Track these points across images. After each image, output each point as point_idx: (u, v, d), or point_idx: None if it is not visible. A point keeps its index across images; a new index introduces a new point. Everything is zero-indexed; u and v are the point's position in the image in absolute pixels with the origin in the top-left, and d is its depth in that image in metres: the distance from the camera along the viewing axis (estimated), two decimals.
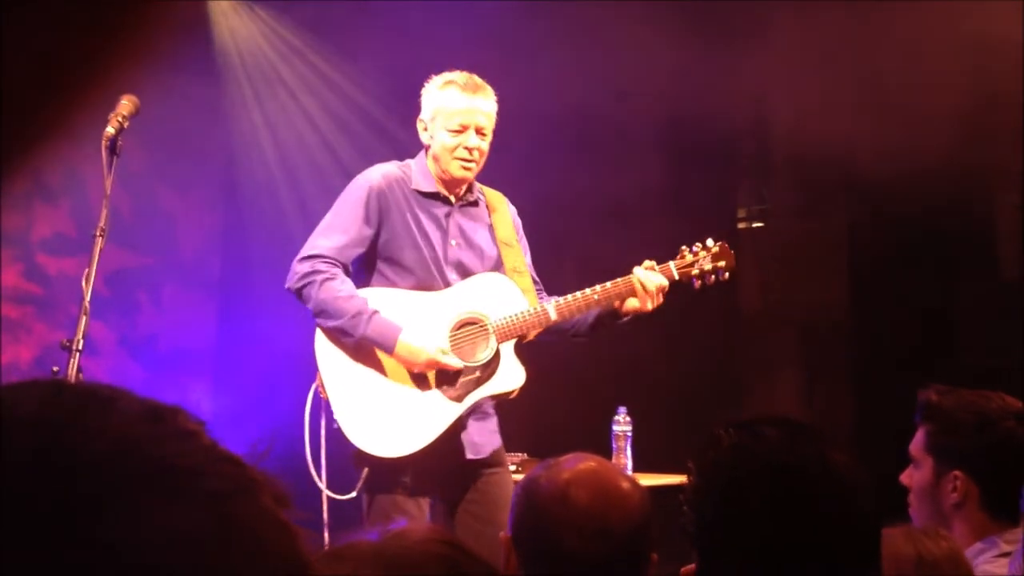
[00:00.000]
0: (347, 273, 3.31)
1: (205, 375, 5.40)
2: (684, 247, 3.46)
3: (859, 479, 1.45)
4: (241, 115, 5.50)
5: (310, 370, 3.43)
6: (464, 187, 3.42)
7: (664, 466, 4.08)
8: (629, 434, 4.08)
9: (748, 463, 1.47)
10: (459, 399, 3.28)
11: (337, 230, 3.31)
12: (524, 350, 3.41)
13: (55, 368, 2.55)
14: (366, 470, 3.24)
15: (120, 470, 0.56)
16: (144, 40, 4.96)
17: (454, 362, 3.25)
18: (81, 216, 4.98)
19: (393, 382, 3.28)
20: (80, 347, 2.54)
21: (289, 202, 5.45)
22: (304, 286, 3.26)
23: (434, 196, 3.39)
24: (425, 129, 3.39)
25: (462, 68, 3.47)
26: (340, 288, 3.25)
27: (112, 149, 2.79)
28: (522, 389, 3.37)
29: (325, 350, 3.30)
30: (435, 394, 3.27)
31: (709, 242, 3.46)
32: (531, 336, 3.36)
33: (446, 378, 3.29)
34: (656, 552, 1.82)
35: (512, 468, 3.97)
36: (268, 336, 5.17)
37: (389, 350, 3.23)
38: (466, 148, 3.32)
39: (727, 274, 3.47)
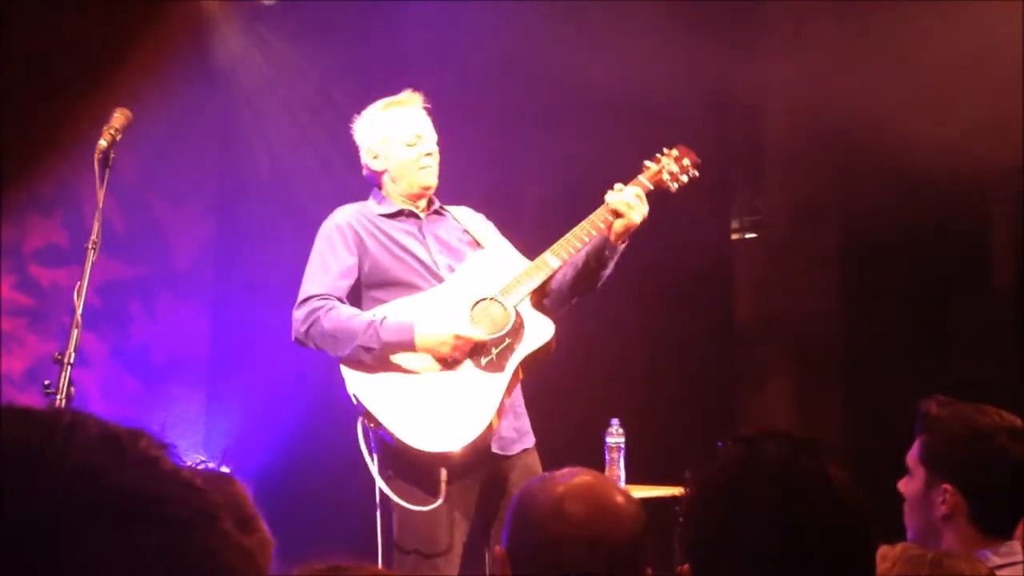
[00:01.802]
0: (342, 303, 3.33)
1: (199, 386, 5.38)
2: (645, 161, 3.52)
3: (857, 496, 1.46)
4: (234, 125, 5.50)
5: (304, 380, 3.43)
6: (425, 201, 3.49)
7: (657, 478, 4.09)
8: (622, 446, 4.08)
9: (747, 477, 1.48)
10: (501, 368, 3.28)
11: (321, 271, 3.36)
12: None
13: (47, 382, 2.55)
14: (444, 471, 3.19)
15: (79, 498, 0.56)
16: (138, 51, 4.96)
17: (477, 334, 3.26)
18: (74, 227, 4.98)
19: (435, 379, 3.27)
20: (72, 360, 2.54)
21: (282, 212, 5.44)
22: (309, 327, 3.28)
23: (400, 214, 3.45)
24: (376, 157, 3.47)
25: (455, 78, 3.51)
26: (343, 312, 3.28)
27: (104, 162, 2.79)
28: (553, 347, 3.35)
29: (358, 380, 3.28)
30: (477, 373, 3.27)
31: (665, 149, 3.54)
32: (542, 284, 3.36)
33: (480, 355, 3.29)
34: (650, 565, 1.82)
35: None
36: (262, 346, 5.17)
37: (411, 346, 3.23)
38: (427, 154, 3.42)
39: (695, 170, 3.54)
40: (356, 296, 3.39)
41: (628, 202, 3.33)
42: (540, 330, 3.33)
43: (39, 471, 0.57)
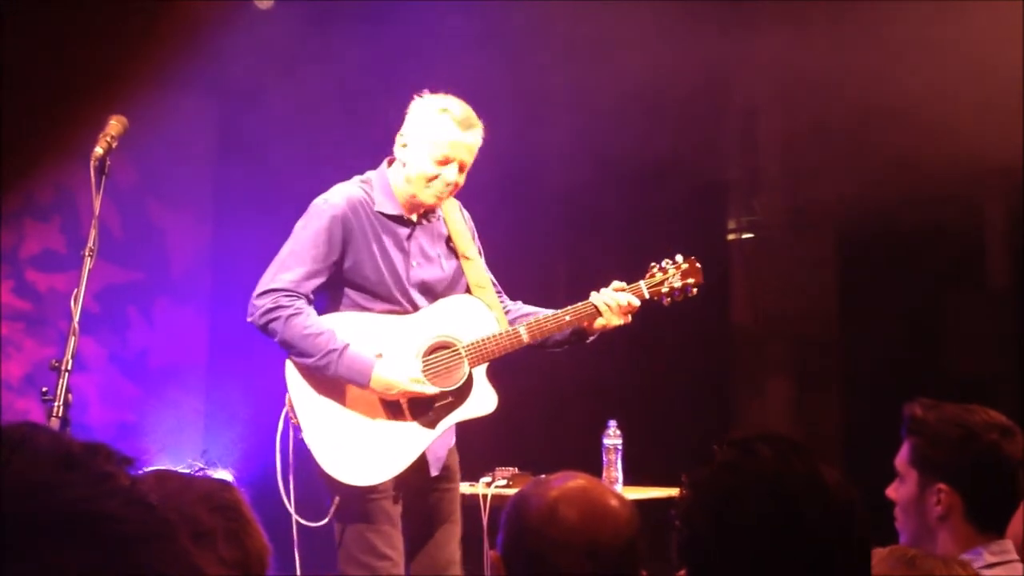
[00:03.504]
0: (309, 303, 3.27)
1: (196, 390, 5.39)
2: (653, 264, 3.50)
3: (850, 497, 1.47)
4: (231, 130, 5.50)
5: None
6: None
7: (655, 479, 4.10)
8: (619, 447, 4.09)
9: (741, 480, 1.48)
10: (432, 425, 3.29)
11: (297, 261, 3.27)
12: (514, 363, 3.42)
13: (44, 389, 2.55)
14: (337, 499, 3.23)
15: (24, 515, 0.55)
16: (135, 57, 4.96)
17: (428, 390, 3.26)
18: (71, 232, 4.99)
19: (366, 409, 3.28)
20: (70, 368, 2.55)
21: (279, 217, 5.43)
22: (268, 322, 3.23)
23: (397, 219, 3.36)
24: (405, 146, 3.32)
25: (459, 75, 3.48)
26: (307, 324, 3.21)
27: (101, 170, 2.80)
28: (509, 404, 3.39)
29: (296, 379, 3.29)
30: (407, 425, 3.28)
31: (678, 258, 3.50)
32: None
33: (419, 404, 3.29)
34: (645, 569, 1.83)
35: (503, 483, 3.99)
36: (259, 351, 5.17)
37: (363, 385, 3.22)
38: (445, 183, 3.29)
39: (695, 290, 3.51)
40: (332, 284, 3.32)
41: (616, 310, 3.38)
42: (483, 402, 3.33)
43: None
